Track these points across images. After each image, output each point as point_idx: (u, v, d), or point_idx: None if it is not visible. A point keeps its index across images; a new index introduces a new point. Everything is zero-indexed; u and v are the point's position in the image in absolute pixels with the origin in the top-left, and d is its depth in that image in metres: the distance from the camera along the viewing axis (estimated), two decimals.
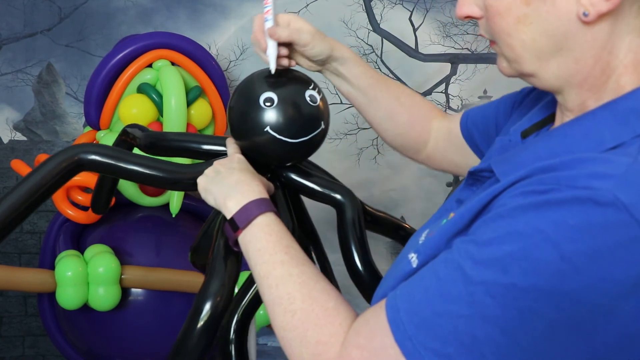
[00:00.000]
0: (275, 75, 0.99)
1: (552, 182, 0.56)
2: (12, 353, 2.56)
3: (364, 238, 1.04)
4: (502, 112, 0.92)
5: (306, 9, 2.60)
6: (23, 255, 2.53)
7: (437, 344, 0.57)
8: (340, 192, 1.06)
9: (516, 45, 0.64)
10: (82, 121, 2.49)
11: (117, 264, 1.98)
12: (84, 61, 2.48)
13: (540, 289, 0.53)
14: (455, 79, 2.67)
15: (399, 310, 0.60)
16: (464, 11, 0.69)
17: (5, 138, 2.49)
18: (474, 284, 0.56)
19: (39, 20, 2.45)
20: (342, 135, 2.63)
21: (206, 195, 0.93)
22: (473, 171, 0.75)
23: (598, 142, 0.60)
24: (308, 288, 0.72)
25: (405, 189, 2.66)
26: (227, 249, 0.92)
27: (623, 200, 0.52)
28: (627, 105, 0.61)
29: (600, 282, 0.52)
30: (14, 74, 2.48)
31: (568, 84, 0.65)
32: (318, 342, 0.66)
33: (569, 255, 0.52)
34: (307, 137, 0.99)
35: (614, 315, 0.53)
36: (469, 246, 0.58)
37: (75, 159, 0.99)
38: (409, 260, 0.68)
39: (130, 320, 2.08)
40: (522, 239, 0.54)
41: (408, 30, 2.64)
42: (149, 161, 1.01)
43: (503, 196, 0.60)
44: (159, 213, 2.23)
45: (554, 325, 0.53)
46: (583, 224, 0.53)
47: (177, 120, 2.02)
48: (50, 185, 0.98)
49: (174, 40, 2.13)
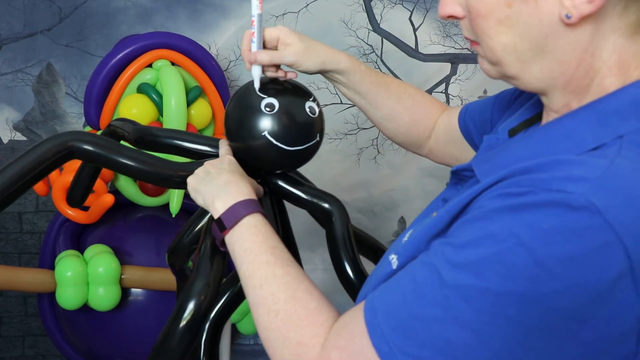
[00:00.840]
0: (279, 83, 1.01)
1: (529, 185, 0.55)
2: (12, 353, 2.56)
3: (354, 246, 1.05)
4: (497, 107, 0.92)
5: (306, 9, 2.59)
6: (23, 255, 2.53)
7: (412, 347, 0.57)
8: (328, 202, 1.07)
9: (497, 48, 0.64)
10: (82, 121, 2.49)
11: (117, 264, 1.98)
12: (84, 61, 2.48)
13: (514, 293, 0.53)
14: (455, 79, 2.67)
15: (376, 313, 0.60)
16: (447, 11, 0.68)
17: (5, 138, 2.49)
18: (449, 287, 0.56)
19: (39, 20, 2.44)
20: (342, 135, 2.62)
21: (195, 195, 0.94)
22: (455, 170, 0.75)
23: (579, 143, 0.60)
24: (292, 289, 0.72)
25: (405, 189, 2.66)
26: (214, 249, 0.93)
27: (597, 204, 0.52)
28: (609, 106, 0.60)
29: (574, 287, 0.52)
30: (14, 74, 2.47)
31: (551, 86, 0.64)
32: (299, 343, 0.67)
33: (542, 260, 0.52)
34: (302, 146, 1.01)
35: (588, 320, 0.53)
36: (445, 248, 0.58)
37: (68, 146, 0.98)
38: (390, 262, 0.69)
39: (130, 320, 2.08)
40: (497, 242, 0.54)
41: (408, 30, 2.64)
42: (141, 156, 1.01)
43: (481, 197, 0.59)
44: (159, 213, 2.23)
45: (528, 330, 0.53)
46: (557, 228, 0.52)
47: (177, 121, 2.02)
48: (40, 170, 0.97)
49: (174, 40, 2.13)
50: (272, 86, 1.01)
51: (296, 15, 2.59)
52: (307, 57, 1.00)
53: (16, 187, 0.94)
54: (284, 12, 2.59)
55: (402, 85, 1.09)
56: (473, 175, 0.69)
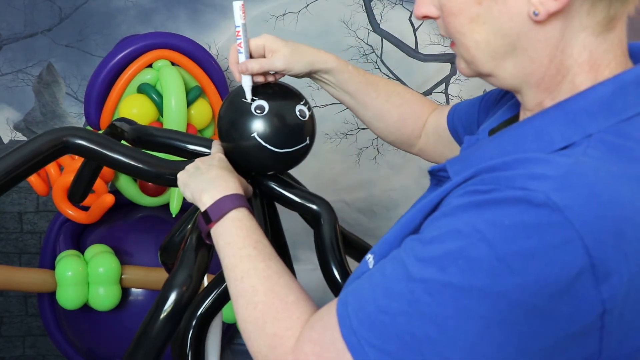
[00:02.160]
0: (270, 86, 1.02)
1: (493, 182, 0.56)
2: (12, 353, 2.56)
3: (341, 248, 1.06)
4: (483, 108, 0.93)
5: (306, 9, 2.60)
6: (23, 255, 2.53)
7: (379, 340, 0.57)
8: (317, 204, 1.08)
9: (470, 46, 0.64)
10: (82, 121, 2.49)
11: (117, 264, 1.98)
12: (84, 61, 2.48)
13: (476, 288, 0.53)
14: (455, 79, 2.67)
15: (347, 306, 0.62)
16: (421, 11, 0.69)
17: (5, 138, 2.50)
18: (415, 281, 0.57)
19: (39, 20, 2.45)
20: (342, 135, 2.63)
21: (184, 189, 0.95)
22: (431, 171, 0.76)
23: (547, 142, 0.60)
24: (271, 282, 0.74)
25: (405, 189, 2.66)
26: (199, 242, 0.95)
27: (557, 202, 0.52)
28: (578, 105, 0.61)
29: (534, 282, 0.52)
30: (14, 74, 2.48)
31: (525, 84, 0.65)
32: (275, 334, 0.68)
33: (503, 255, 0.53)
34: (291, 149, 1.02)
35: (549, 316, 0.53)
36: (414, 244, 0.59)
37: (62, 140, 1.00)
38: (366, 261, 0.70)
39: (130, 320, 2.09)
40: (460, 237, 0.55)
41: (408, 30, 2.64)
42: (134, 152, 1.03)
43: (450, 195, 0.61)
44: (159, 213, 2.23)
45: (490, 325, 0.54)
46: (517, 224, 0.53)
47: (177, 121, 2.02)
48: (34, 163, 0.98)
49: (174, 40, 2.13)
50: (263, 89, 1.02)
51: (296, 15, 2.59)
52: (296, 60, 1.01)
53: (10, 177, 0.96)
54: (284, 12, 2.59)
55: (391, 84, 1.10)
56: (448, 175, 0.70)
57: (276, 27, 2.59)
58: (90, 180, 1.33)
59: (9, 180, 0.96)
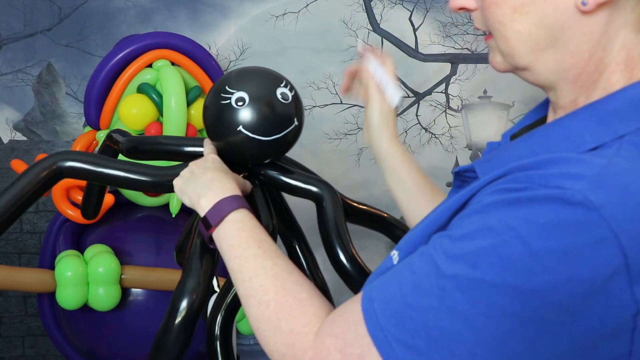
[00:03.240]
0: (247, 75, 1.01)
1: (526, 181, 0.56)
2: (12, 353, 2.56)
3: (345, 230, 1.05)
4: None
5: (306, 9, 2.59)
6: (23, 255, 2.53)
7: (407, 336, 0.57)
8: (318, 186, 1.07)
9: (511, 37, 0.63)
10: (82, 121, 2.49)
11: (117, 264, 1.98)
12: (84, 61, 2.48)
13: (508, 285, 0.53)
14: (455, 79, 2.67)
15: (373, 301, 0.61)
16: (458, 3, 0.68)
17: (5, 138, 2.49)
18: (445, 277, 0.56)
19: (39, 20, 2.45)
20: (342, 135, 2.62)
21: (182, 196, 0.95)
22: (458, 171, 0.75)
23: (578, 143, 0.60)
24: (281, 280, 0.73)
25: None
26: (204, 247, 0.95)
27: (593, 201, 0.52)
28: (610, 106, 0.60)
29: (568, 281, 0.52)
30: (14, 74, 2.48)
31: (562, 79, 0.64)
32: (292, 331, 0.67)
33: (537, 253, 0.52)
34: (280, 134, 1.00)
35: (581, 315, 0.53)
36: (443, 241, 0.59)
37: (54, 168, 1.00)
38: (391, 257, 0.69)
39: (130, 320, 2.09)
40: (493, 235, 0.54)
41: (408, 30, 2.64)
42: (128, 165, 1.03)
43: (480, 193, 0.60)
44: (159, 213, 2.23)
45: (521, 322, 0.53)
46: (553, 222, 0.52)
47: (177, 120, 2.02)
48: (31, 195, 1.00)
49: (174, 40, 2.13)
50: (241, 79, 1.01)
51: (296, 15, 2.59)
52: None
53: (8, 214, 0.98)
54: (284, 12, 2.59)
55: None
56: (475, 176, 0.70)
57: (276, 27, 2.59)
58: (100, 196, 1.34)
59: (8, 216, 0.98)
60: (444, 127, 2.70)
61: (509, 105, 2.65)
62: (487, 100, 2.68)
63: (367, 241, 1.15)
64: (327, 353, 0.62)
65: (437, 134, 2.69)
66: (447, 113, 2.70)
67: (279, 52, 2.56)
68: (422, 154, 2.69)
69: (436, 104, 2.69)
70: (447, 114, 2.70)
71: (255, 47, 2.59)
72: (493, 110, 2.69)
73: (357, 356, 0.60)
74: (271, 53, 2.56)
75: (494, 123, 2.67)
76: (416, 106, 2.69)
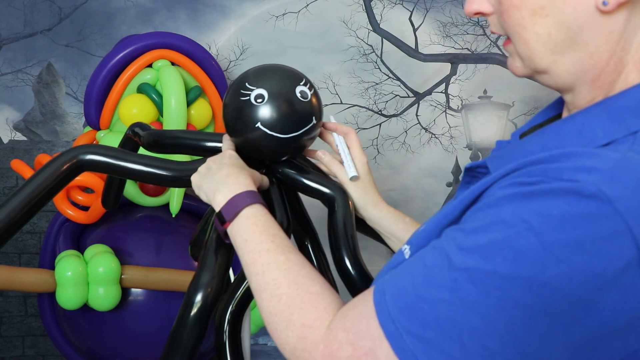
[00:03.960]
0: (267, 72, 1.01)
1: (540, 174, 0.56)
2: (12, 353, 2.56)
3: (354, 235, 1.05)
4: None
5: (306, 9, 2.59)
6: (23, 255, 2.53)
7: (418, 328, 0.57)
8: (331, 188, 1.07)
9: (530, 39, 0.63)
10: (82, 121, 2.49)
11: (117, 264, 1.98)
12: (84, 61, 2.48)
13: (521, 277, 0.53)
14: (455, 79, 2.67)
15: (384, 294, 0.61)
16: (474, 7, 0.68)
17: (5, 138, 2.49)
18: (457, 270, 0.56)
19: (39, 20, 2.45)
20: None
21: (199, 191, 0.96)
22: (469, 167, 0.76)
23: (590, 139, 0.60)
24: (293, 274, 0.74)
25: (405, 189, 2.66)
26: (219, 241, 0.95)
27: (607, 194, 0.52)
28: (622, 103, 0.61)
29: (581, 273, 0.52)
30: (14, 74, 2.48)
31: (581, 81, 0.64)
32: (304, 325, 0.68)
33: (550, 245, 0.53)
34: (298, 132, 1.01)
35: (594, 307, 0.53)
36: (456, 234, 0.59)
37: (75, 161, 1.03)
38: (402, 252, 0.69)
39: (130, 320, 2.09)
40: (506, 227, 0.55)
41: (408, 30, 2.64)
42: (147, 160, 1.04)
43: (493, 187, 0.60)
44: (159, 213, 2.23)
45: (533, 314, 0.54)
46: (566, 215, 0.53)
47: (177, 120, 2.02)
48: (53, 186, 1.02)
49: (174, 40, 2.13)
50: (261, 76, 1.02)
51: (296, 15, 2.59)
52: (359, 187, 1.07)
53: (32, 204, 1.01)
54: (284, 12, 2.59)
55: None
56: (487, 171, 0.70)
57: (276, 27, 2.59)
58: (120, 187, 1.36)
59: (31, 207, 1.00)
60: (444, 127, 2.70)
61: (509, 105, 2.66)
62: (487, 100, 2.68)
63: (368, 241, 1.15)
64: (338, 346, 0.63)
65: (437, 134, 2.69)
66: (447, 113, 2.70)
67: (279, 52, 2.56)
68: (422, 154, 2.69)
69: (436, 104, 2.69)
70: (447, 114, 2.70)
71: (255, 47, 2.59)
72: (493, 110, 2.69)
73: (368, 349, 0.60)
74: (271, 53, 2.56)
75: (494, 123, 2.68)
76: (416, 106, 2.69)
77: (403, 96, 2.68)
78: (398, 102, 2.68)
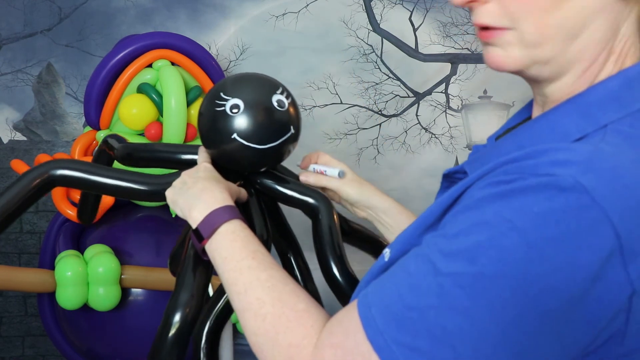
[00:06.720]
0: (243, 81, 1.00)
1: (517, 172, 0.56)
2: (12, 353, 2.56)
3: (340, 242, 1.03)
4: None
5: (306, 9, 2.59)
6: (23, 255, 2.53)
7: (407, 337, 0.56)
8: (314, 197, 1.05)
9: (552, 24, 0.61)
10: (82, 121, 2.49)
11: (117, 264, 1.98)
12: (84, 61, 2.48)
13: (508, 276, 0.53)
14: (455, 79, 2.67)
15: (370, 307, 0.60)
16: None
17: (5, 138, 2.49)
18: (443, 275, 0.56)
19: (39, 20, 2.45)
20: (342, 135, 2.62)
21: (174, 207, 0.92)
22: (447, 173, 0.76)
23: (563, 134, 0.61)
24: (277, 291, 0.72)
25: (405, 189, 2.66)
26: (197, 259, 0.92)
27: (584, 185, 0.53)
28: (590, 98, 0.61)
29: (567, 267, 0.53)
30: (14, 74, 2.48)
31: (573, 71, 0.64)
32: (290, 344, 0.66)
33: (534, 241, 0.53)
34: (276, 142, 0.98)
35: (582, 301, 0.53)
36: (438, 240, 0.59)
37: (47, 176, 0.99)
38: (383, 256, 0.69)
39: (130, 320, 2.09)
40: (488, 228, 0.55)
41: (408, 30, 2.64)
42: (121, 174, 1.00)
43: (471, 189, 0.60)
44: (159, 213, 2.23)
45: (523, 313, 0.53)
46: (547, 210, 0.53)
47: (177, 120, 2.02)
48: (22, 204, 0.98)
49: (174, 40, 2.13)
50: (236, 86, 0.99)
51: (296, 15, 2.59)
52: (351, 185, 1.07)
53: (1, 220, 0.97)
54: (284, 12, 2.59)
55: None
56: (465, 176, 0.70)
57: (276, 27, 2.59)
58: (95, 202, 1.32)
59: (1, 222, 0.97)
60: (444, 127, 2.70)
61: (509, 105, 2.66)
62: (487, 100, 2.68)
63: None
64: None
65: (437, 134, 2.69)
66: (447, 113, 2.70)
67: (279, 52, 2.56)
68: (422, 154, 2.69)
69: (436, 104, 2.69)
70: (447, 114, 2.70)
71: (255, 47, 2.59)
72: (493, 110, 2.69)
73: None
74: (271, 53, 2.56)
75: (494, 123, 2.68)
76: (416, 106, 2.69)
77: (403, 96, 2.68)
78: (398, 102, 2.68)
